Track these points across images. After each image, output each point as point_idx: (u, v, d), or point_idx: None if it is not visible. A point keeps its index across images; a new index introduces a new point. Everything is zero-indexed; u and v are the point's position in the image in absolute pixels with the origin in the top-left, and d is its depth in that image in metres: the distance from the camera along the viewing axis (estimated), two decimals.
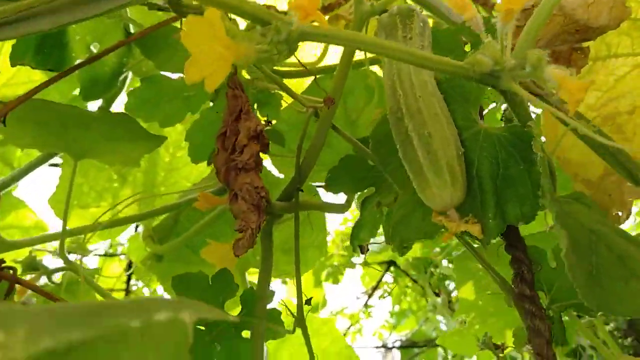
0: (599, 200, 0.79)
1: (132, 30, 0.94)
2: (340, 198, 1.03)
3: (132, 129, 0.81)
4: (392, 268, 3.27)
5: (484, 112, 0.88)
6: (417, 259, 2.92)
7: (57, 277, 0.96)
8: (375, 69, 1.08)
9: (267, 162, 1.15)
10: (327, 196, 1.13)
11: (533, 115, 0.69)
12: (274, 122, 0.88)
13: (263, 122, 0.67)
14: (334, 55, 1.07)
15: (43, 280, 0.96)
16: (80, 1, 0.72)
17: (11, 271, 0.61)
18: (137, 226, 1.37)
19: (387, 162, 0.68)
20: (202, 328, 0.69)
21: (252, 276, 1.15)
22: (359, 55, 1.14)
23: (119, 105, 0.99)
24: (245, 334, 0.69)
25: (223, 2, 0.47)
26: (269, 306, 0.70)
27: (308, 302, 0.64)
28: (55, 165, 1.36)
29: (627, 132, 0.79)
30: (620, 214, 0.75)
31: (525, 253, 0.62)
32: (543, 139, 0.80)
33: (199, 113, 0.93)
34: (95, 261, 2.65)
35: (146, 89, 0.88)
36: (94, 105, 1.02)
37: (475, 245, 0.78)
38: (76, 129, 0.77)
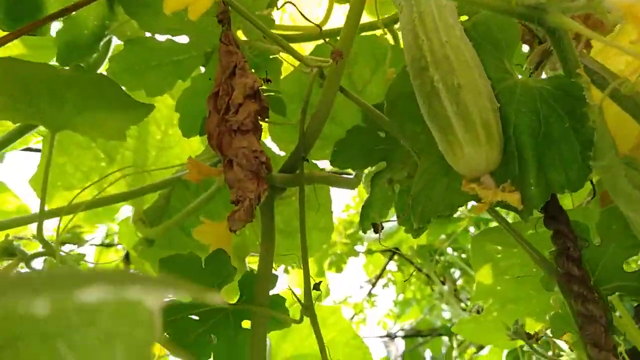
0: None
1: None
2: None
3: (112, 95, 0.71)
4: (395, 256, 3.19)
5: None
6: (422, 246, 2.84)
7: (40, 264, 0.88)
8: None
9: (267, 140, 1.06)
10: None
11: None
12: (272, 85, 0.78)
13: (263, 79, 0.58)
14: (339, 17, 0.98)
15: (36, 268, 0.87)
16: None
17: None
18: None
19: (405, 125, 0.59)
20: (196, 318, 0.60)
21: (253, 265, 1.07)
22: (364, 19, 1.04)
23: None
24: (246, 324, 0.61)
25: None
26: (271, 292, 0.62)
27: (317, 286, 0.55)
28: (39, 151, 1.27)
29: None
30: None
31: (569, 226, 0.53)
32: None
33: (189, 80, 0.84)
34: (92, 251, 2.57)
35: (130, 53, 0.79)
36: None
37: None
38: (46, 97, 0.67)
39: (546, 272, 0.55)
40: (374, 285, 3.26)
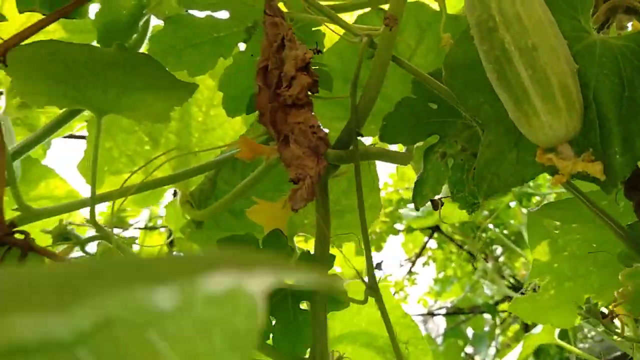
0: None
1: None
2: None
3: (155, 75, 0.70)
4: (435, 234, 3.14)
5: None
6: (463, 223, 2.78)
7: (93, 248, 0.89)
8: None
9: None
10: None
11: None
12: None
13: (313, 50, 0.55)
14: None
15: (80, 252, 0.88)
16: None
17: (23, 236, 0.52)
18: (175, 193, 1.29)
19: (467, 95, 0.55)
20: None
21: (300, 245, 1.05)
22: None
23: None
24: (304, 305, 0.59)
25: None
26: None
27: (379, 266, 0.53)
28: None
29: None
30: None
31: None
32: None
33: (231, 58, 0.81)
34: (136, 234, 2.63)
35: (169, 32, 0.77)
36: None
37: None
38: (92, 78, 0.66)
39: (629, 245, 0.51)
40: (413, 263, 3.22)
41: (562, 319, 1.10)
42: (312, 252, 0.59)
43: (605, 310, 0.64)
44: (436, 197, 0.67)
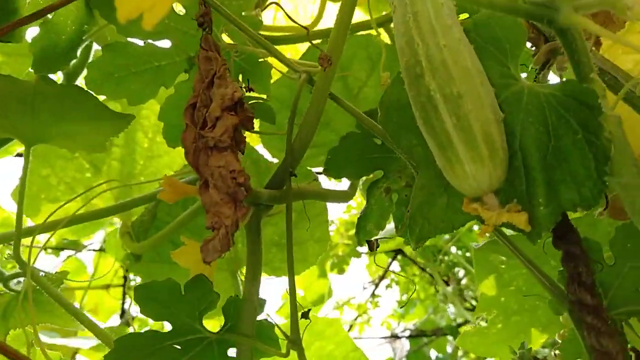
0: None
1: None
2: (344, 185, 0.89)
3: (88, 107, 0.67)
4: (399, 257, 3.15)
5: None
6: (425, 246, 2.79)
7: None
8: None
9: (259, 146, 1.01)
10: (328, 183, 0.99)
11: None
12: (257, 92, 0.74)
13: (243, 89, 0.53)
14: (334, 15, 0.92)
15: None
16: None
17: None
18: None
19: (401, 136, 0.54)
20: (178, 347, 0.56)
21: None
22: (360, 16, 0.99)
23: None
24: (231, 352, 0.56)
25: None
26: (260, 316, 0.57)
27: (305, 315, 0.50)
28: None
29: None
30: None
31: (581, 248, 0.48)
32: None
33: (173, 88, 0.79)
34: (90, 256, 2.53)
35: (109, 59, 0.74)
36: None
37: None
38: (17, 110, 0.63)
39: (554, 297, 0.50)
40: (377, 286, 3.21)
41: (509, 355, 1.10)
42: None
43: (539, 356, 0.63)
44: (373, 238, 0.66)
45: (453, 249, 2.97)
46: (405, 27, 0.47)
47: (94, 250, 2.43)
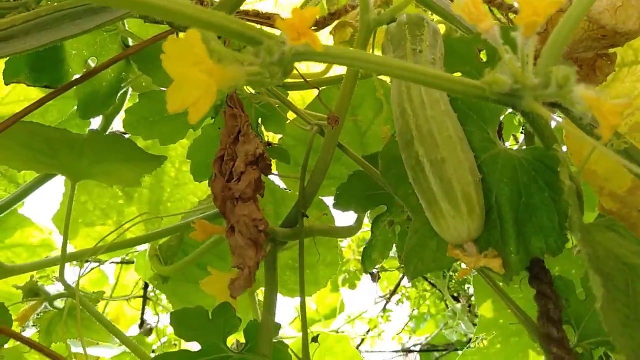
0: (626, 217, 0.72)
1: (130, 44, 0.90)
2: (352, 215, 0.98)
3: (126, 151, 0.77)
4: None
5: (501, 117, 0.82)
6: None
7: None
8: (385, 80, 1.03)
9: (275, 177, 1.10)
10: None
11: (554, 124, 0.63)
12: (275, 142, 0.83)
13: (264, 143, 0.62)
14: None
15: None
16: (74, 15, 0.69)
17: None
18: None
19: (398, 186, 0.63)
20: None
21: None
22: None
23: (119, 122, 0.95)
24: None
25: (207, 21, 0.42)
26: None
27: (315, 339, 0.59)
28: None
29: None
30: None
31: (551, 287, 0.56)
32: (565, 148, 0.74)
33: (200, 129, 0.89)
34: (112, 269, 2.65)
35: (144, 106, 0.84)
36: (95, 122, 0.99)
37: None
38: (66, 152, 0.73)
39: (529, 330, 0.58)
40: (388, 300, 3.27)
41: None
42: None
43: None
44: (376, 269, 0.74)
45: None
46: (399, 99, 0.56)
47: (115, 262, 2.54)
